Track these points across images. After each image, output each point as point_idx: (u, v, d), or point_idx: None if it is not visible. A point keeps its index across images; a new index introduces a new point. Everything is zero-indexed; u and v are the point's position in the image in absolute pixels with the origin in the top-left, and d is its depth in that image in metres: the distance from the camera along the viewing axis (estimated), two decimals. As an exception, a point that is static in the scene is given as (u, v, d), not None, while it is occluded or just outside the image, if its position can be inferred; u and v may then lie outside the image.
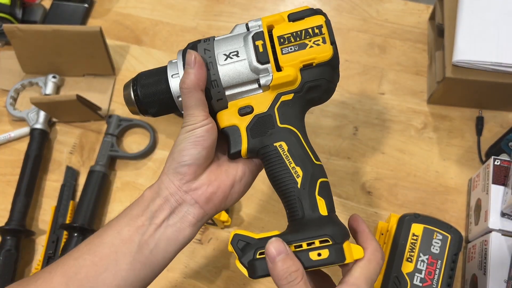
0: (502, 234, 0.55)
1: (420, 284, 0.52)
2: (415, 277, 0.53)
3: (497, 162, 0.59)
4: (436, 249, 0.54)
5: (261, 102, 0.41)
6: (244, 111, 0.41)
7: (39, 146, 0.71)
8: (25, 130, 0.75)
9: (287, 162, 0.40)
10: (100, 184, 0.68)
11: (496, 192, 0.58)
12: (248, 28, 0.42)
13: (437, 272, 0.53)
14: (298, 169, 0.39)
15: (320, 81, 0.41)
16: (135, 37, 0.84)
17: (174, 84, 0.41)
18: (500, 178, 0.58)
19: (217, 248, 0.66)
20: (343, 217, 0.66)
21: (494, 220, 0.56)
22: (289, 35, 0.40)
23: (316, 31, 0.40)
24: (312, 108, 0.44)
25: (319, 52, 0.40)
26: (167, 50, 0.82)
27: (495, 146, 0.67)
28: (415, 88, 0.75)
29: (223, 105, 0.42)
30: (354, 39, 0.80)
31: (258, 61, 0.40)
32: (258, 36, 0.40)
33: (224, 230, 0.67)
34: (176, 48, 0.82)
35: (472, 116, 0.72)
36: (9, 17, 0.79)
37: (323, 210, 0.38)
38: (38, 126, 0.72)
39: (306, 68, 0.40)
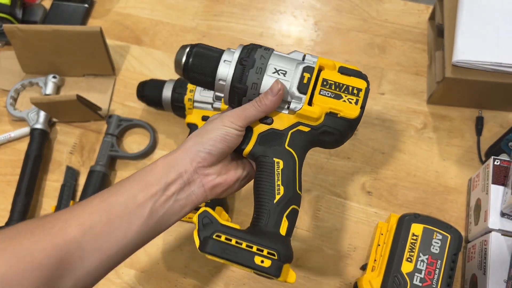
0: (502, 234, 0.55)
1: (420, 284, 0.52)
2: (415, 277, 0.53)
3: (497, 162, 0.59)
4: (436, 249, 0.54)
5: (281, 121, 0.45)
6: (265, 119, 0.45)
7: (39, 146, 0.71)
8: (25, 130, 0.75)
9: (276, 177, 0.44)
10: (100, 184, 0.68)
11: (496, 192, 0.58)
12: (303, 58, 0.46)
13: (437, 272, 0.53)
14: (281, 188, 0.43)
15: (335, 131, 0.45)
16: (135, 37, 0.84)
17: (222, 68, 0.45)
18: (500, 178, 0.58)
19: (217, 248, 0.66)
20: (343, 217, 0.67)
21: (494, 220, 0.56)
22: (332, 82, 0.45)
23: (355, 91, 0.45)
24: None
25: (347, 108, 0.44)
26: (167, 50, 0.82)
27: (495, 146, 0.67)
28: (415, 88, 0.75)
29: None
30: (354, 39, 0.80)
31: (298, 88, 0.44)
32: (308, 69, 0.45)
33: (224, 230, 0.67)
34: (176, 48, 0.82)
35: (472, 116, 0.72)
36: (9, 17, 0.79)
37: (283, 230, 0.42)
38: (38, 126, 0.72)
39: (330, 115, 0.45)
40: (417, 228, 0.55)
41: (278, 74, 0.45)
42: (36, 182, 0.70)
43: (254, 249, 0.41)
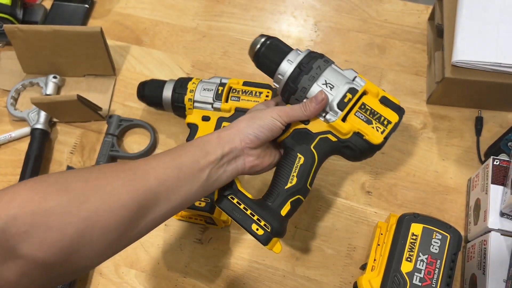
0: (501, 234, 0.56)
1: (420, 284, 0.52)
2: (415, 277, 0.53)
3: (496, 162, 0.59)
4: (436, 249, 0.54)
5: (316, 125, 0.52)
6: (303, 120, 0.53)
7: (40, 146, 0.72)
8: (26, 130, 0.75)
9: (293, 169, 0.51)
10: (101, 184, 0.68)
11: (495, 192, 0.58)
12: (354, 78, 0.53)
13: (436, 271, 0.53)
14: (295, 179, 0.51)
15: (357, 149, 0.52)
16: (136, 38, 0.84)
17: (284, 65, 0.53)
18: (499, 178, 0.59)
19: (217, 247, 0.66)
20: (342, 216, 0.67)
21: (493, 220, 0.56)
22: (369, 109, 0.52)
23: (385, 122, 0.51)
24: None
25: (372, 134, 0.51)
26: (167, 51, 0.82)
27: (494, 146, 0.67)
28: (414, 88, 0.76)
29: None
30: (354, 40, 0.81)
31: (337, 104, 0.51)
32: (352, 91, 0.51)
33: (224, 230, 0.67)
34: (177, 48, 0.82)
35: (471, 116, 0.72)
36: (10, 17, 0.79)
37: (284, 212, 0.50)
38: (39, 126, 0.73)
39: (357, 135, 0.51)
40: (416, 228, 0.55)
41: (326, 86, 0.52)
42: (37, 182, 0.70)
43: (255, 218, 0.49)
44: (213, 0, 0.86)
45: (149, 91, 0.71)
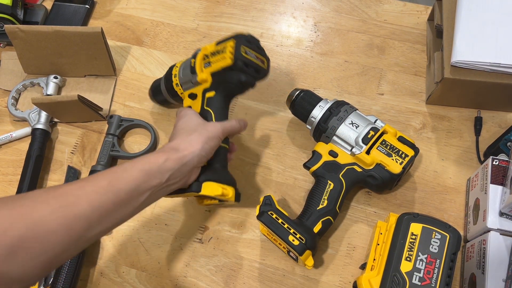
0: (501, 234, 0.56)
1: (419, 283, 0.53)
2: (414, 276, 0.53)
3: (496, 162, 0.60)
4: (435, 248, 0.54)
5: (343, 157, 0.62)
6: (332, 152, 0.63)
7: (41, 146, 0.72)
8: (27, 130, 0.75)
9: (324, 193, 0.60)
10: (101, 184, 0.68)
11: (495, 191, 0.58)
12: (375, 121, 0.63)
13: (435, 271, 0.53)
14: (326, 201, 0.60)
15: (379, 178, 0.60)
16: (136, 38, 0.84)
17: (316, 110, 0.64)
18: (498, 178, 0.59)
19: (218, 247, 0.66)
20: (342, 216, 0.67)
21: (493, 220, 0.57)
22: (389, 145, 0.61)
23: (403, 155, 0.61)
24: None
25: (393, 165, 0.60)
26: (167, 51, 0.82)
27: (494, 146, 0.67)
28: (413, 89, 0.76)
29: (326, 141, 0.64)
30: (353, 40, 0.81)
31: (362, 139, 0.61)
32: (374, 129, 0.62)
33: (224, 230, 0.67)
34: (177, 48, 0.82)
35: (470, 116, 0.73)
36: (11, 18, 0.80)
37: (316, 229, 0.59)
38: (40, 126, 0.73)
39: (379, 166, 0.61)
40: (416, 228, 0.55)
41: (352, 126, 0.62)
42: (38, 182, 0.70)
43: (291, 231, 0.57)
44: (213, 1, 0.87)
45: (154, 93, 0.72)
